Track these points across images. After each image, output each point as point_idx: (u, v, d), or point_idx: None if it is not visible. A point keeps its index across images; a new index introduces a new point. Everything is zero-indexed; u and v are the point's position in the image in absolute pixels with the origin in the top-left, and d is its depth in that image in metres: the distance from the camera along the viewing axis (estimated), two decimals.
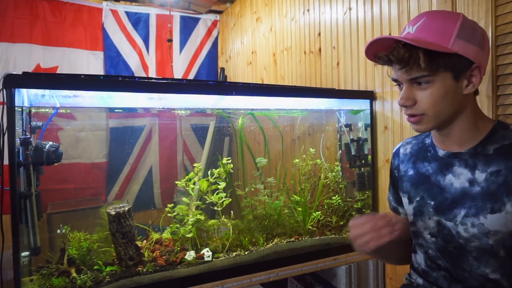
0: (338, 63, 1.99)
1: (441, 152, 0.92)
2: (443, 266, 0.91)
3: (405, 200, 1.00)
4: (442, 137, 0.91)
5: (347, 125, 1.83)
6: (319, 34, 2.15)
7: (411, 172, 0.99)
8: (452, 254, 0.88)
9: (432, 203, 0.91)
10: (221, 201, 1.55)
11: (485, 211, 0.81)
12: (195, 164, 1.61)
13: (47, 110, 1.34)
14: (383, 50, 0.84)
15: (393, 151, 1.09)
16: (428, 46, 0.78)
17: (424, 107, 0.83)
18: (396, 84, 0.89)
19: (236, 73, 3.37)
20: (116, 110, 1.82)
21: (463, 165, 0.87)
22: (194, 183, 1.57)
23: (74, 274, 1.25)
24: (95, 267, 1.31)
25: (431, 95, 0.82)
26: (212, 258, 1.42)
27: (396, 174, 1.05)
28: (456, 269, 0.88)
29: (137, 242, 1.36)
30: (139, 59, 3.34)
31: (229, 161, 1.64)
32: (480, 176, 0.84)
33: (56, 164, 1.24)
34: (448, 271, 0.90)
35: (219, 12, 3.66)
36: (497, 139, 0.85)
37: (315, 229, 1.70)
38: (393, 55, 0.81)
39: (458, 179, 0.87)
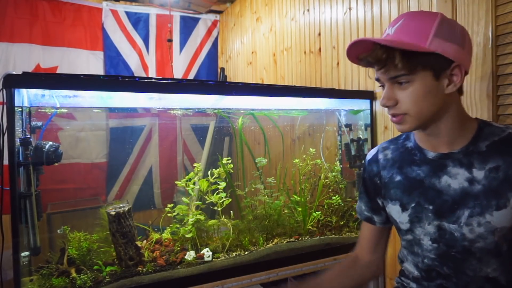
0: (338, 63, 1.99)
1: (430, 154, 0.90)
2: (443, 273, 0.89)
3: (396, 208, 0.96)
4: (430, 138, 0.89)
5: (347, 125, 1.83)
6: (319, 34, 2.15)
7: (398, 178, 0.95)
8: (455, 259, 0.86)
9: (431, 207, 0.89)
10: (221, 201, 1.55)
11: (490, 209, 0.81)
12: (195, 164, 1.61)
13: (47, 110, 1.34)
14: (364, 52, 0.84)
15: (368, 158, 1.06)
16: (403, 46, 0.78)
17: (406, 107, 0.83)
18: (379, 85, 0.89)
19: (236, 73, 3.37)
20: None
21: (458, 164, 0.86)
22: (194, 183, 1.57)
23: (74, 274, 1.25)
24: (95, 267, 1.31)
25: (412, 94, 0.81)
26: (212, 258, 1.42)
27: (378, 182, 1.01)
28: (458, 275, 0.87)
29: (137, 242, 1.36)
30: (139, 59, 3.34)
31: (229, 161, 1.64)
32: (479, 174, 0.83)
33: (56, 164, 1.24)
34: (448, 278, 0.88)
35: (219, 12, 3.66)
36: (486, 136, 0.85)
37: (315, 229, 1.70)
38: (371, 56, 0.82)
39: (455, 179, 0.86)
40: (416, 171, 0.92)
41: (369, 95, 1.72)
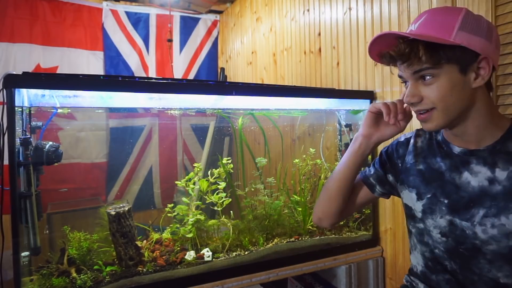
0: (338, 63, 1.99)
1: (456, 149, 0.88)
2: (450, 268, 0.88)
3: (411, 195, 0.96)
4: (457, 135, 0.88)
5: (347, 125, 1.83)
6: (319, 34, 2.15)
7: (420, 166, 0.95)
8: (463, 256, 0.85)
9: (446, 201, 0.88)
10: (221, 201, 1.55)
11: (507, 211, 0.78)
12: (195, 164, 1.61)
13: (47, 109, 1.34)
14: (385, 48, 0.83)
15: (400, 139, 1.04)
16: (427, 39, 0.77)
17: (432, 101, 0.81)
18: (402, 81, 0.87)
19: (236, 73, 3.37)
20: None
21: (482, 163, 0.83)
22: (194, 183, 1.57)
23: (74, 274, 1.25)
24: (95, 267, 1.31)
25: (437, 89, 0.79)
26: (212, 258, 1.42)
27: (400, 165, 1.00)
28: (464, 272, 0.85)
29: (137, 242, 1.36)
30: (139, 59, 3.34)
31: (229, 161, 1.64)
32: (501, 174, 0.81)
33: (56, 164, 1.24)
34: (454, 274, 0.87)
35: (219, 12, 3.66)
36: None
37: (315, 229, 1.70)
38: (394, 51, 0.81)
39: (476, 177, 0.84)
40: (439, 163, 0.91)
41: (369, 95, 1.72)
